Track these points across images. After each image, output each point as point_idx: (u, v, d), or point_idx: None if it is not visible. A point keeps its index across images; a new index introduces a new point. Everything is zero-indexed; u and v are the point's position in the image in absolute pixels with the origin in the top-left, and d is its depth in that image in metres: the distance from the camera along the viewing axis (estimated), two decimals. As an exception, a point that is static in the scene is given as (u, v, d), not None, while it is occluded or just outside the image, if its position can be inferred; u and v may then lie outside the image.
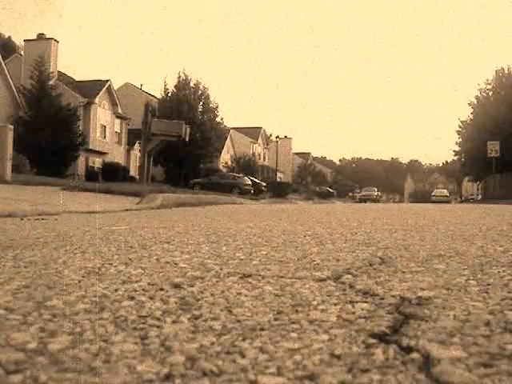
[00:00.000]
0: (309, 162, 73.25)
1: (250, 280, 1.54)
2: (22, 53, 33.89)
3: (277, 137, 53.05)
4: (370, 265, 1.86)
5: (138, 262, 1.93)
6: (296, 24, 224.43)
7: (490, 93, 42.07)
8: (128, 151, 39.69)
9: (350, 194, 67.93)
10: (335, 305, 1.21)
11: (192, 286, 1.43)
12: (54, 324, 1.03)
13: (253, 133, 61.18)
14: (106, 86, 35.76)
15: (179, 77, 39.31)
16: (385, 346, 0.89)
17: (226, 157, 52.10)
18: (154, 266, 1.82)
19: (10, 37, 57.66)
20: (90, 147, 33.22)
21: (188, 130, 22.63)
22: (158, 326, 1.02)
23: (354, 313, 1.13)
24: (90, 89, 34.03)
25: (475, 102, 42.96)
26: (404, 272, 1.69)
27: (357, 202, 47.63)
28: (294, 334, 0.97)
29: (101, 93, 34.90)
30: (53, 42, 32.55)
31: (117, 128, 38.05)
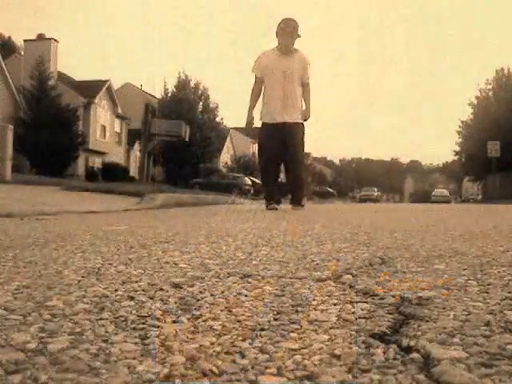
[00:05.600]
0: (309, 162, 73.30)
1: (249, 280, 1.54)
2: (22, 53, 33.89)
3: (277, 137, 52.89)
4: (371, 264, 1.86)
5: (137, 262, 1.93)
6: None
7: (490, 93, 42.11)
8: (128, 151, 39.71)
9: (350, 194, 68.01)
10: (335, 305, 1.21)
11: (192, 286, 1.43)
12: (54, 324, 1.03)
13: (253, 133, 61.15)
14: (106, 85, 35.77)
15: (179, 77, 39.33)
16: (385, 346, 0.89)
17: (225, 157, 52.09)
18: (153, 265, 1.82)
19: (10, 37, 57.65)
20: (90, 147, 33.23)
21: (188, 130, 22.59)
22: (158, 326, 1.02)
23: (353, 313, 1.13)
24: (90, 89, 34.03)
25: (475, 102, 43.00)
26: (404, 272, 1.69)
27: (357, 202, 47.59)
28: (293, 334, 0.97)
29: (101, 93, 34.91)
30: (53, 42, 32.55)
31: (117, 128, 38.08)
